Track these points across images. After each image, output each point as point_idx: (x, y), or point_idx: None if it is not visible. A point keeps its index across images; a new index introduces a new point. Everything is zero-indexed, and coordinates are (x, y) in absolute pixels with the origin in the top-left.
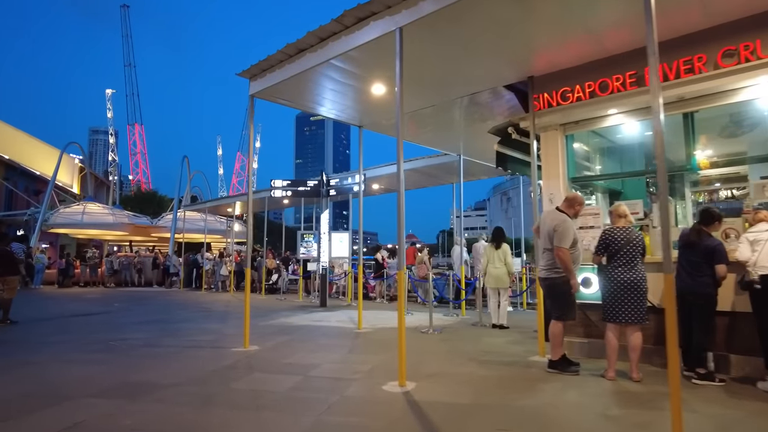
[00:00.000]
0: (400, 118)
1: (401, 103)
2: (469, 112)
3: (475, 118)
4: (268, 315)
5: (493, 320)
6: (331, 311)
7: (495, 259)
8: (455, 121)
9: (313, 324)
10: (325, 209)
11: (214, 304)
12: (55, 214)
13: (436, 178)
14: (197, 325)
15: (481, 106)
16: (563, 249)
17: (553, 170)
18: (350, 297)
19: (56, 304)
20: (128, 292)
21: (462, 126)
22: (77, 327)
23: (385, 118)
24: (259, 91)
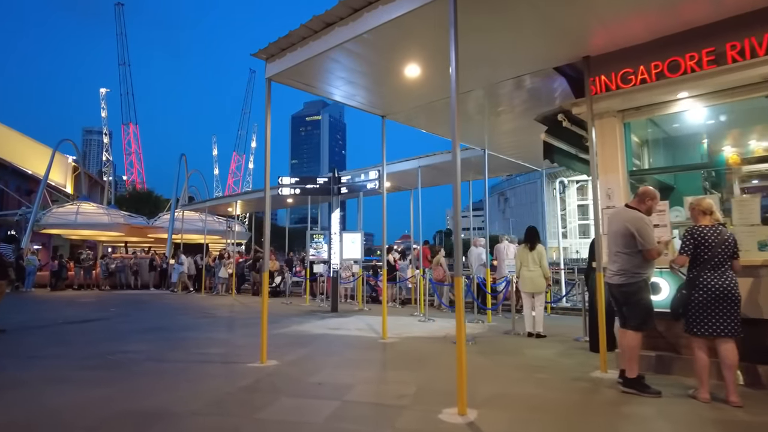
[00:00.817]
0: (455, 101)
1: (456, 83)
2: (510, 99)
3: (514, 105)
4: (279, 321)
5: (527, 328)
6: (344, 317)
7: (529, 261)
8: (487, 111)
9: (331, 333)
10: (336, 208)
11: (217, 309)
12: (47, 214)
13: (452, 175)
14: (203, 334)
15: (524, 92)
16: (653, 250)
17: (610, 162)
18: (361, 302)
19: (49, 309)
20: (124, 295)
21: (496, 116)
22: (72, 336)
23: (413, 105)
24: (276, 73)
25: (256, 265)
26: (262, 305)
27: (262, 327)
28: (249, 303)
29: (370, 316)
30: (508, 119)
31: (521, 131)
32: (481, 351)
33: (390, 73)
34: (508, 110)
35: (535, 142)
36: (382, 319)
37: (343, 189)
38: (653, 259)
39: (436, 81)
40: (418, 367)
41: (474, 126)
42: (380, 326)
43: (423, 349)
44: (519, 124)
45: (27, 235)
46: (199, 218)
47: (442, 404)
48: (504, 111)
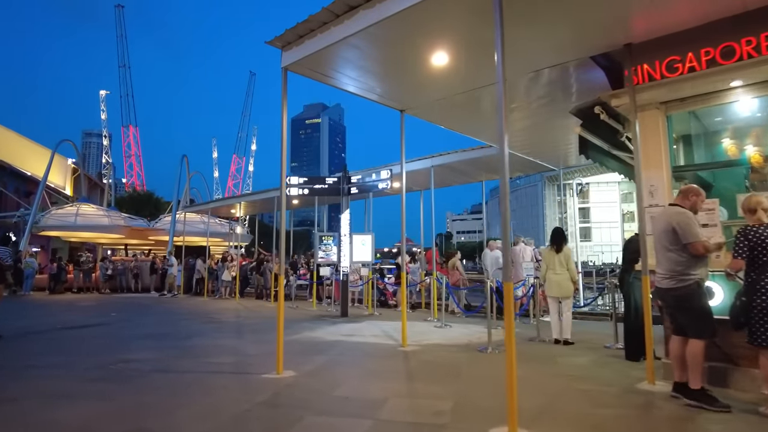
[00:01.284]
0: (502, 87)
1: (503, 68)
2: (534, 92)
3: (538, 99)
4: (289, 327)
5: (554, 334)
6: (356, 322)
7: (555, 264)
8: (517, 103)
9: (347, 340)
10: (346, 209)
11: (222, 314)
12: (46, 216)
13: (465, 175)
14: (211, 340)
15: (551, 84)
16: (697, 243)
17: (653, 158)
18: (371, 306)
19: (47, 314)
20: (125, 298)
21: (518, 111)
22: (71, 343)
23: (436, 98)
24: (293, 62)
25: (260, 268)
26: (278, 311)
27: (279, 334)
28: (254, 307)
29: (383, 322)
30: (528, 115)
31: (541, 128)
32: None
33: (415, 61)
34: (530, 105)
35: (556, 139)
36: (400, 325)
37: (354, 189)
38: (699, 254)
39: (464, 71)
40: (449, 378)
41: (492, 122)
42: (396, 332)
43: (448, 358)
44: (539, 120)
45: (25, 237)
46: (201, 220)
47: (486, 422)
48: (523, 106)
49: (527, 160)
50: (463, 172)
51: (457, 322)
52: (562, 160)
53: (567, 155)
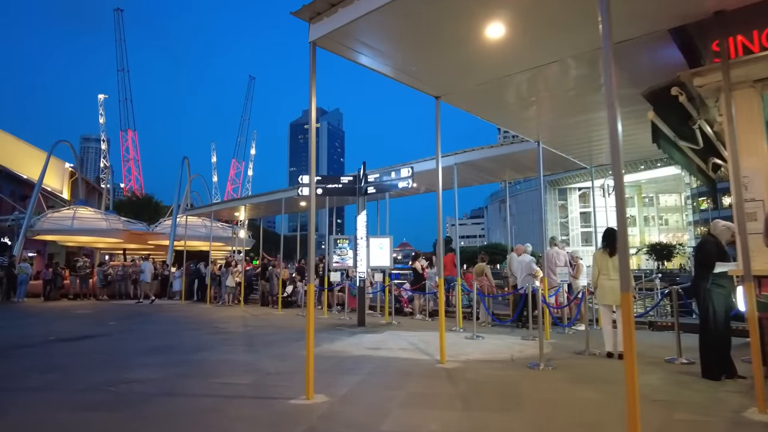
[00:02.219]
0: (609, 50)
1: (609, 33)
2: (596, 73)
3: (594, 79)
4: (303, 338)
5: (608, 347)
6: (376, 333)
7: (609, 268)
8: (550, 93)
9: (374, 354)
10: (362, 210)
11: (229, 323)
12: (42, 220)
13: (489, 174)
14: (221, 355)
15: (618, 64)
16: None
17: (748, 144)
18: (387, 314)
19: (40, 323)
20: (124, 306)
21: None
22: (65, 359)
23: (479, 82)
24: (323, 35)
25: (265, 274)
26: (307, 325)
27: (308, 352)
28: (261, 315)
29: (405, 332)
30: (572, 104)
31: (587, 120)
32: (571, 378)
33: (465, 34)
34: (580, 91)
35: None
36: (426, 336)
37: (371, 189)
38: None
39: (519, 48)
40: (512, 404)
41: (529, 112)
42: (426, 345)
43: (499, 377)
44: (587, 109)
45: (20, 241)
46: (203, 224)
47: None
48: (573, 93)
49: (560, 157)
50: (488, 171)
51: (485, 333)
52: (596, 158)
53: (602, 152)
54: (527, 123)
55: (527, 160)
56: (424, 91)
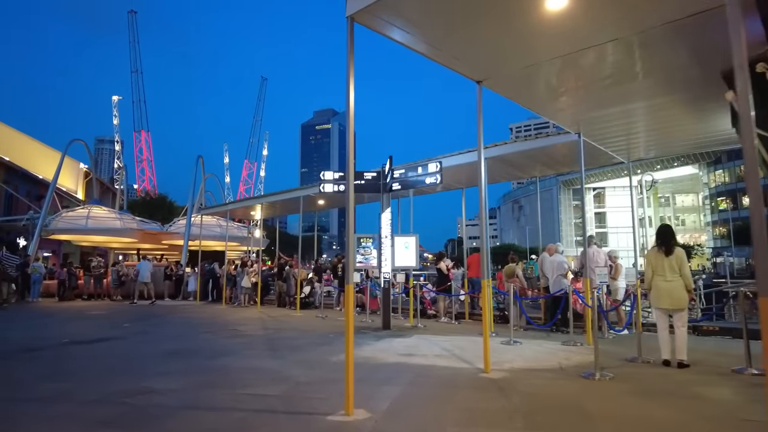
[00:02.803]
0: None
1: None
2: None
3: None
4: (330, 343)
5: (663, 354)
6: (404, 336)
7: (665, 269)
8: (612, 73)
9: (408, 361)
10: (386, 207)
11: (247, 326)
12: (56, 219)
13: (518, 170)
14: (244, 361)
15: (684, 41)
16: None
17: None
18: (411, 317)
19: (53, 324)
20: (138, 306)
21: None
22: (78, 364)
23: (526, 64)
24: (362, 8)
25: (282, 274)
26: (346, 333)
27: (348, 364)
28: (279, 316)
29: (434, 336)
30: (617, 92)
31: (627, 112)
32: (634, 390)
33: (520, 7)
34: (623, 78)
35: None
36: (460, 341)
37: (396, 185)
38: None
39: (579, 24)
40: (582, 423)
41: (574, 99)
42: (462, 351)
43: (554, 389)
44: (625, 99)
45: (34, 240)
46: (217, 224)
47: None
48: (612, 80)
49: (597, 151)
50: (517, 166)
51: (521, 337)
52: (633, 151)
53: (639, 145)
54: (570, 112)
55: (559, 154)
56: (464, 73)
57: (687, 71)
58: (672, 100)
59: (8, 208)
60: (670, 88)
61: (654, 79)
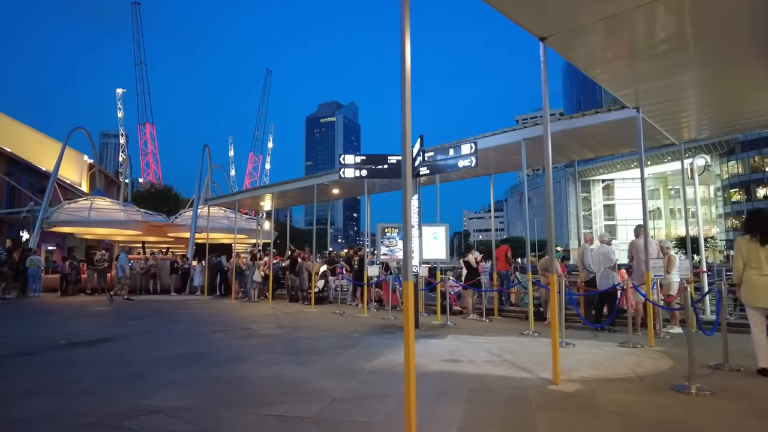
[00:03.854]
0: None
1: None
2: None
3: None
4: (356, 345)
5: (761, 362)
6: (438, 337)
7: (762, 260)
8: (693, 35)
9: (456, 369)
10: (414, 194)
11: (261, 323)
12: (58, 211)
13: (557, 152)
14: (264, 368)
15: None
16: None
17: None
18: (439, 314)
19: (52, 322)
20: (143, 302)
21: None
22: (73, 372)
23: (603, 15)
24: None
25: (294, 267)
26: (405, 343)
27: (408, 386)
28: (293, 313)
29: (470, 336)
30: (691, 59)
31: (691, 83)
32: (752, 412)
33: None
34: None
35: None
36: (504, 342)
37: (423, 170)
38: None
39: None
40: None
41: (640, 65)
42: (512, 356)
43: (649, 408)
44: (694, 67)
45: (35, 233)
46: (225, 216)
47: None
48: (693, 43)
49: (650, 130)
50: (558, 147)
51: (569, 338)
52: (686, 131)
53: (700, 124)
54: (631, 80)
55: (603, 133)
56: (527, 27)
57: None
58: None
59: (11, 201)
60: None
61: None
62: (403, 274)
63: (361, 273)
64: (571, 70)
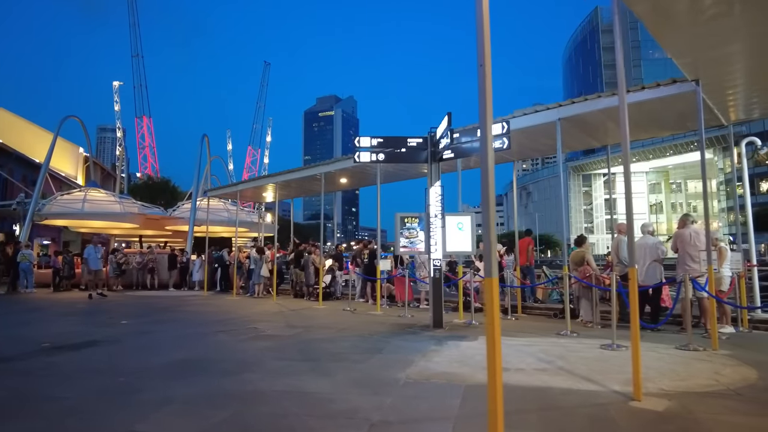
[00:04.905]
0: None
1: None
2: None
3: None
4: (379, 348)
5: None
6: (467, 339)
7: None
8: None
9: (506, 380)
10: (436, 181)
11: (268, 322)
12: (50, 203)
13: (592, 135)
14: (278, 379)
15: None
16: None
17: None
18: (461, 312)
19: (38, 321)
20: (139, 298)
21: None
22: (53, 386)
23: None
24: None
25: (299, 261)
26: (491, 361)
27: (494, 413)
28: (301, 310)
29: (503, 338)
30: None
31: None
32: None
33: None
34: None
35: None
36: (543, 344)
37: (447, 153)
38: None
39: None
40: None
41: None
42: (564, 362)
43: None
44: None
45: (26, 226)
46: (224, 208)
47: None
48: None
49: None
50: (595, 130)
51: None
52: (738, 109)
53: (749, 103)
54: (691, 47)
55: (646, 113)
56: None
57: None
58: None
59: (3, 193)
60: None
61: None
62: (485, 269)
63: (371, 267)
64: (572, 66)
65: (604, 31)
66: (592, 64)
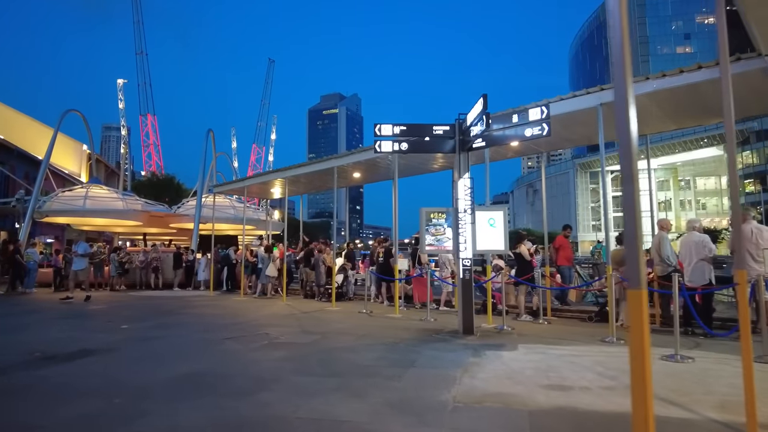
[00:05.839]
0: None
1: None
2: None
3: None
4: (411, 359)
5: None
6: (505, 348)
7: None
8: None
9: (575, 405)
10: (465, 173)
11: (280, 326)
12: (51, 200)
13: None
14: (301, 400)
15: None
16: None
17: None
18: (490, 317)
19: (33, 325)
20: (142, 298)
21: None
22: (37, 408)
23: None
24: None
25: (310, 260)
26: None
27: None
28: (313, 312)
29: (539, 345)
30: None
31: None
32: None
33: None
34: None
35: None
36: (607, 357)
37: (478, 142)
38: None
39: None
40: None
41: None
42: (626, 376)
43: None
44: None
45: (26, 224)
46: (231, 205)
47: None
48: None
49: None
50: (646, 115)
51: (667, 346)
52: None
53: None
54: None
55: (704, 95)
56: None
57: None
58: None
59: (5, 190)
60: None
61: None
62: (630, 277)
63: (387, 267)
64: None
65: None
66: (599, 60)
